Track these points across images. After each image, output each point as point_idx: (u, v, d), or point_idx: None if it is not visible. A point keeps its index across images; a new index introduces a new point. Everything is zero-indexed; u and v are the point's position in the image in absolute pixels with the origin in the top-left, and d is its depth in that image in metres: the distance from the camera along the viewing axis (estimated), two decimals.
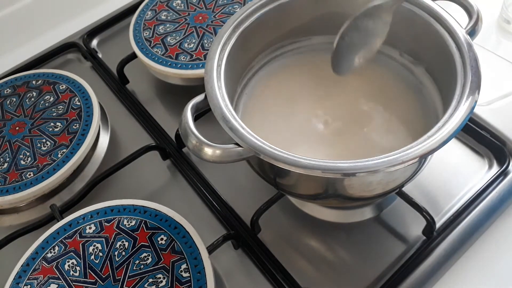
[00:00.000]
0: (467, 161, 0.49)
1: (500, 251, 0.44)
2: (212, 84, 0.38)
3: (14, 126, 0.55)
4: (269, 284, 0.43)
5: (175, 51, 0.57)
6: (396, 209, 0.46)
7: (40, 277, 0.42)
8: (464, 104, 0.34)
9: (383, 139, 0.43)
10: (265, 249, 0.44)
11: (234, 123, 0.36)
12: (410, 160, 0.32)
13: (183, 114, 0.36)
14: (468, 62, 0.37)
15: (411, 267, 0.42)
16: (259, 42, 0.47)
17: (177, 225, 0.43)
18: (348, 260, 0.44)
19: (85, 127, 0.53)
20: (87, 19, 0.70)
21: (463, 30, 0.39)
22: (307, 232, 0.46)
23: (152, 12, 0.63)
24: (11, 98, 0.58)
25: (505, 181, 0.46)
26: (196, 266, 0.41)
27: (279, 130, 0.44)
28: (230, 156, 0.34)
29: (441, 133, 0.33)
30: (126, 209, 0.45)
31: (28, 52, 0.68)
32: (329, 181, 0.36)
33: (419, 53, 0.45)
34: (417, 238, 0.44)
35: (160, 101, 0.60)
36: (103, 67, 0.64)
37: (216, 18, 0.60)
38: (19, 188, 0.49)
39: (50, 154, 0.51)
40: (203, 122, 0.46)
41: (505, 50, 0.58)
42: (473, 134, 0.50)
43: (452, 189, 0.47)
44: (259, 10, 0.44)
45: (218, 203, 0.48)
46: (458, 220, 0.44)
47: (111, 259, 0.42)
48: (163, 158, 0.54)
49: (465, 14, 0.42)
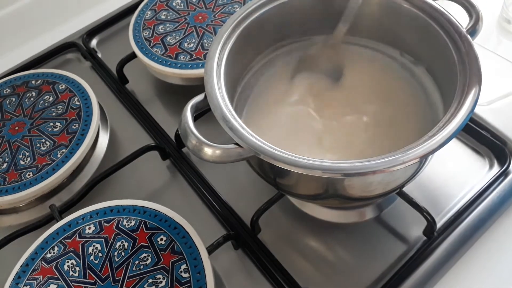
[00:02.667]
0: (467, 161, 0.49)
1: (501, 251, 0.44)
2: (212, 84, 0.38)
3: (13, 126, 0.55)
4: (269, 284, 0.43)
5: (175, 51, 0.57)
6: (397, 209, 0.46)
7: (40, 277, 0.42)
8: (464, 104, 0.34)
9: (384, 139, 0.43)
10: (265, 249, 0.44)
11: (234, 123, 0.36)
12: (411, 160, 0.32)
13: (183, 114, 0.36)
14: (469, 62, 0.37)
15: (411, 267, 0.42)
16: (259, 42, 0.47)
17: (176, 226, 0.43)
18: (348, 260, 0.44)
19: (84, 127, 0.53)
20: (86, 19, 0.70)
21: (463, 30, 0.39)
22: (307, 232, 0.46)
23: (151, 11, 0.63)
24: (11, 98, 0.58)
25: (506, 181, 0.46)
26: (196, 267, 0.41)
27: (279, 130, 0.44)
28: (230, 156, 0.34)
29: (441, 133, 0.33)
30: (126, 210, 0.45)
31: (27, 52, 0.68)
32: (329, 181, 0.36)
33: (419, 53, 0.45)
34: (417, 239, 0.44)
35: (160, 101, 0.60)
36: (102, 67, 0.64)
37: (216, 18, 0.60)
38: (19, 188, 0.49)
39: (49, 154, 0.51)
40: (203, 122, 0.46)
41: (505, 49, 0.58)
42: (474, 134, 0.50)
43: (453, 189, 0.47)
44: (259, 10, 0.44)
45: (218, 203, 0.48)
46: (459, 220, 0.44)
47: (111, 259, 0.42)
48: (163, 158, 0.54)
49: (465, 13, 0.41)
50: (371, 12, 0.46)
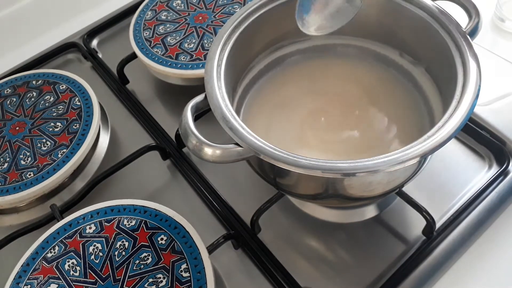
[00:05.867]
0: (467, 161, 0.49)
1: (500, 251, 0.44)
2: (212, 84, 0.38)
3: (14, 126, 0.55)
4: (269, 284, 0.43)
5: (175, 51, 0.57)
6: (396, 209, 0.46)
7: (40, 277, 0.42)
8: (464, 104, 0.34)
9: (383, 139, 0.43)
10: (265, 249, 0.44)
11: (234, 123, 0.36)
12: (410, 160, 0.32)
13: (183, 114, 0.36)
14: (468, 62, 0.37)
15: (411, 267, 0.42)
16: (259, 42, 0.47)
17: (177, 225, 0.43)
18: (348, 260, 0.44)
19: (85, 127, 0.53)
20: (87, 19, 0.70)
21: (463, 30, 0.39)
22: (307, 232, 0.46)
23: (152, 12, 0.63)
24: (11, 98, 0.58)
25: (505, 181, 0.46)
26: (196, 266, 0.41)
27: (278, 130, 0.44)
28: (230, 156, 0.34)
29: (441, 133, 0.33)
30: (126, 209, 0.45)
31: (28, 52, 0.68)
32: (329, 181, 0.36)
33: (419, 53, 0.45)
34: (417, 238, 0.44)
35: (160, 101, 0.60)
36: (103, 67, 0.64)
37: (216, 18, 0.60)
38: (19, 188, 0.49)
39: (50, 154, 0.51)
40: (203, 122, 0.46)
41: (501, 48, 0.58)
42: (473, 134, 0.50)
43: (452, 189, 0.47)
44: (259, 10, 0.44)
45: (218, 203, 0.48)
46: (458, 220, 0.44)
47: (111, 259, 0.42)
48: (163, 158, 0.54)
49: (464, 13, 0.42)
50: (371, 12, 0.46)
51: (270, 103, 0.47)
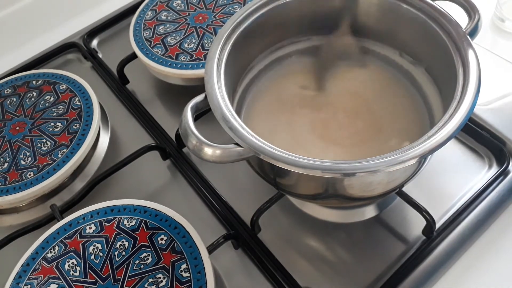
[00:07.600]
0: (467, 161, 0.49)
1: (500, 251, 0.44)
2: (212, 84, 0.38)
3: (14, 126, 0.55)
4: (269, 284, 0.43)
5: (175, 51, 0.57)
6: (396, 209, 0.46)
7: (40, 277, 0.42)
8: (463, 104, 0.34)
9: (383, 140, 0.43)
10: (265, 249, 0.44)
11: (234, 123, 0.36)
12: (410, 160, 0.32)
13: (183, 114, 0.36)
14: (468, 62, 0.37)
15: (411, 267, 0.42)
16: (259, 42, 0.47)
17: (177, 225, 0.43)
18: (348, 260, 0.44)
19: (85, 127, 0.53)
20: (87, 19, 0.70)
21: (463, 30, 0.39)
22: (307, 232, 0.46)
23: (152, 12, 0.63)
24: (11, 98, 0.58)
25: (505, 181, 0.46)
26: (196, 266, 0.41)
27: (278, 130, 0.44)
28: (230, 156, 0.34)
29: (441, 133, 0.33)
30: (126, 209, 0.45)
31: (28, 52, 0.68)
32: (329, 181, 0.36)
33: (419, 53, 0.45)
34: (417, 238, 0.44)
35: (160, 101, 0.60)
36: (103, 67, 0.64)
37: (216, 18, 0.60)
38: (19, 188, 0.49)
39: (50, 154, 0.51)
40: (203, 122, 0.46)
41: (501, 48, 0.58)
42: (473, 134, 0.50)
43: (452, 189, 0.47)
44: (259, 10, 0.44)
45: (218, 203, 0.48)
46: (458, 220, 0.44)
47: (111, 259, 0.42)
48: (163, 158, 0.54)
49: (464, 13, 0.42)
50: (371, 12, 0.46)
51: (270, 103, 0.47)
